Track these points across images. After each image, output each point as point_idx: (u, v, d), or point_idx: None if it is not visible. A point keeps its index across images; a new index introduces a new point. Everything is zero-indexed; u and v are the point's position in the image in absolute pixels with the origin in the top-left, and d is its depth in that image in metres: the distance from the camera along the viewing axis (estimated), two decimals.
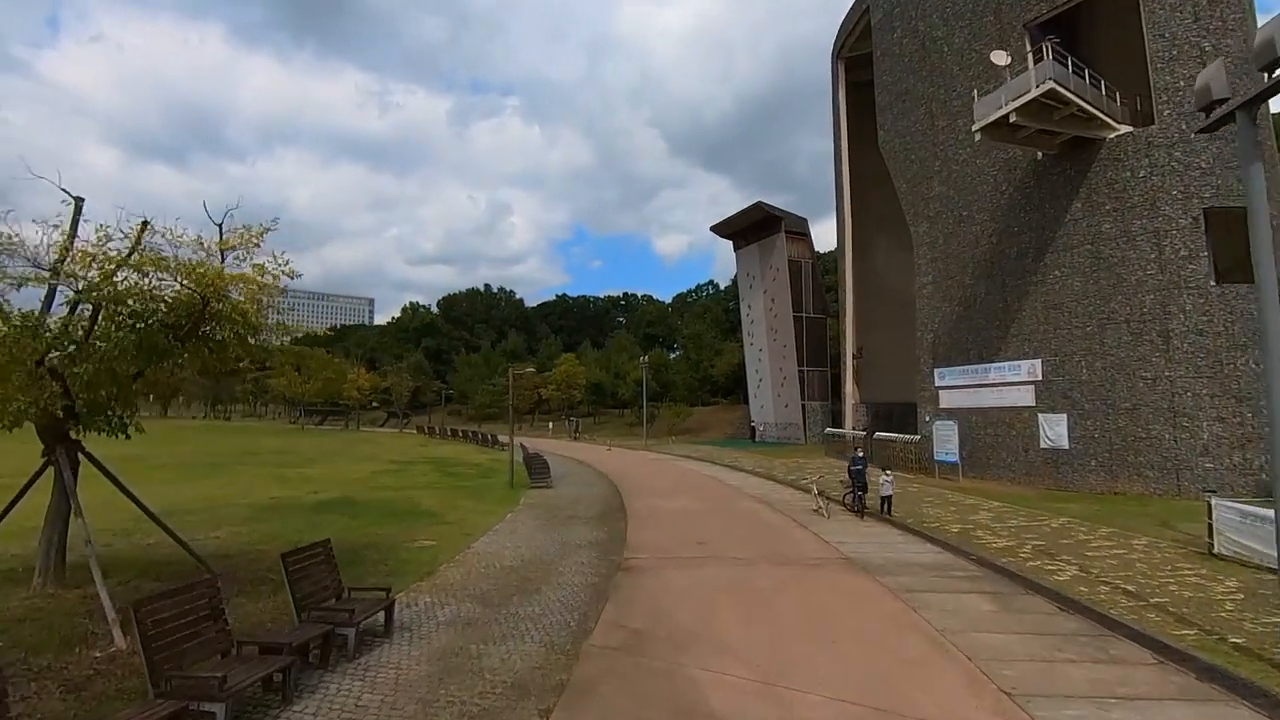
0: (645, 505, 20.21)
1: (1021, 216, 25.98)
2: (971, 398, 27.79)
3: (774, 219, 53.33)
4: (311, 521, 16.13)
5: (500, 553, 13.58)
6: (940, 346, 29.64)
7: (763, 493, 23.59)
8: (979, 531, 16.01)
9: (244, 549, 12.75)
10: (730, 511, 19.14)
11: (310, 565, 8.61)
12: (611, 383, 75.26)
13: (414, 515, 17.63)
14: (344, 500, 19.54)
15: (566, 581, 11.32)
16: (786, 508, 19.90)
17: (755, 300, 56.79)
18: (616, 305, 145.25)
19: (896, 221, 42.15)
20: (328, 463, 32.24)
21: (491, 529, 16.22)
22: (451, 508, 19.00)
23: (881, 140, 34.37)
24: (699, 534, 15.61)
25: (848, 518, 18.29)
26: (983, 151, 27.74)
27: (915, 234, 31.61)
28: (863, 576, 11.78)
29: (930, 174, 30.61)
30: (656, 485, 25.69)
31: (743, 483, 26.65)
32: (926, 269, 30.74)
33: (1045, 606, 10.18)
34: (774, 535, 15.61)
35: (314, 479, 25.59)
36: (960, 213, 28.84)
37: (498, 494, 22.45)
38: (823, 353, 53.18)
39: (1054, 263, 24.60)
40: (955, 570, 12.45)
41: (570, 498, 21.85)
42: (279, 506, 18.17)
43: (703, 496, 22.47)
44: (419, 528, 15.99)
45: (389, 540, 14.38)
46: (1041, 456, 24.82)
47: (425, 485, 24.33)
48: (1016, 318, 25.97)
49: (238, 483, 23.42)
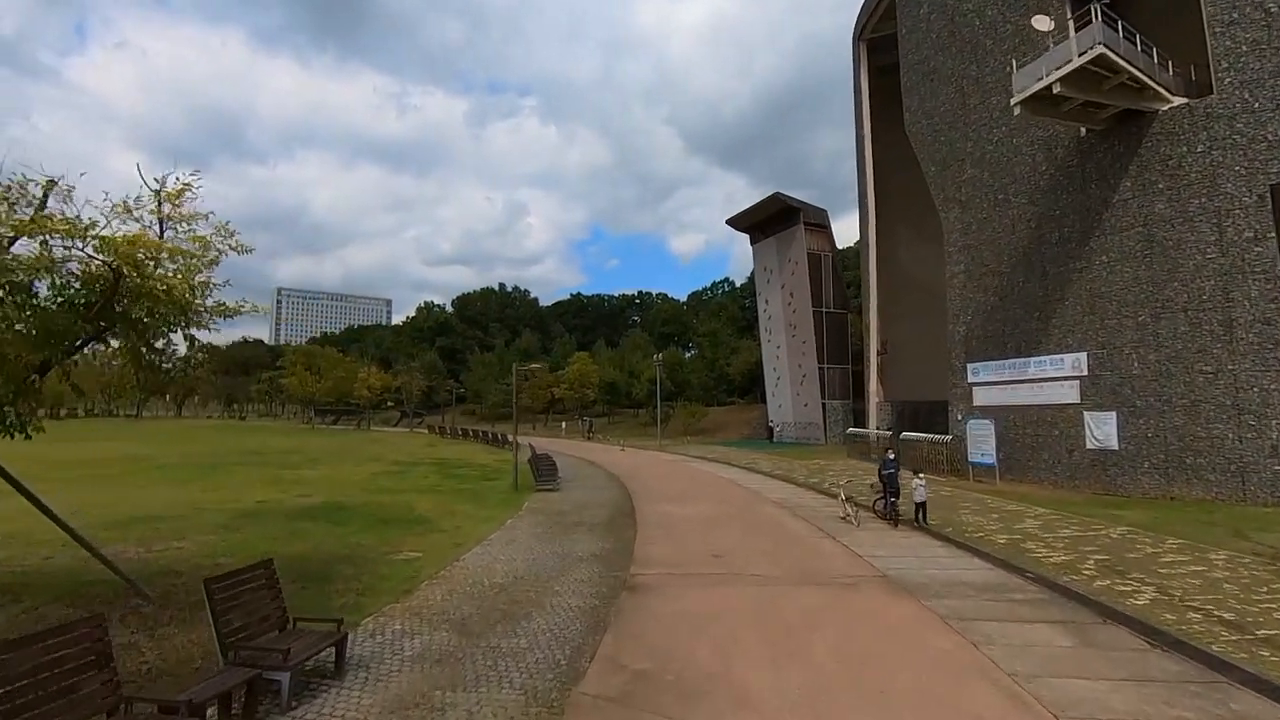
0: (657, 511, 18.64)
1: (1064, 198, 24.07)
2: (1008, 394, 25.90)
3: (792, 210, 51.47)
4: (291, 529, 14.76)
5: (492, 567, 12.08)
6: (974, 340, 27.76)
7: (784, 497, 21.91)
8: (1029, 543, 14.27)
9: (202, 563, 11.36)
10: (749, 519, 17.50)
11: (244, 592, 7.14)
12: (626, 382, 73.74)
13: (405, 522, 16.20)
14: (333, 505, 18.17)
15: (562, 604, 9.78)
16: (811, 515, 18.23)
17: (773, 295, 54.94)
18: (631, 304, 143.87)
19: (922, 211, 40.32)
20: (330, 464, 31.02)
21: (486, 538, 14.73)
22: (447, 513, 17.56)
23: (908, 123, 32.50)
24: (715, 545, 14.00)
25: (879, 526, 16.58)
26: (1019, 130, 25.86)
27: (945, 221, 29.74)
28: (906, 600, 10.12)
29: (961, 156, 28.72)
30: (670, 489, 24.11)
31: (762, 486, 24.98)
32: (958, 257, 28.85)
33: (1132, 641, 8.48)
34: (799, 547, 13.96)
35: (310, 481, 24.31)
36: (995, 196, 26.95)
37: (499, 498, 20.99)
38: (844, 349, 51.26)
39: (1101, 247, 22.68)
40: (1013, 592, 10.74)
41: (577, 502, 20.33)
42: (262, 512, 16.83)
43: (719, 501, 20.85)
44: (408, 537, 14.55)
45: (371, 552, 12.94)
46: (1088, 458, 22.92)
47: (425, 488, 22.94)
48: (1059, 308, 24.06)
49: (228, 485, 22.18)
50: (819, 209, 53.16)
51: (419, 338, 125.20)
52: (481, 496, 21.21)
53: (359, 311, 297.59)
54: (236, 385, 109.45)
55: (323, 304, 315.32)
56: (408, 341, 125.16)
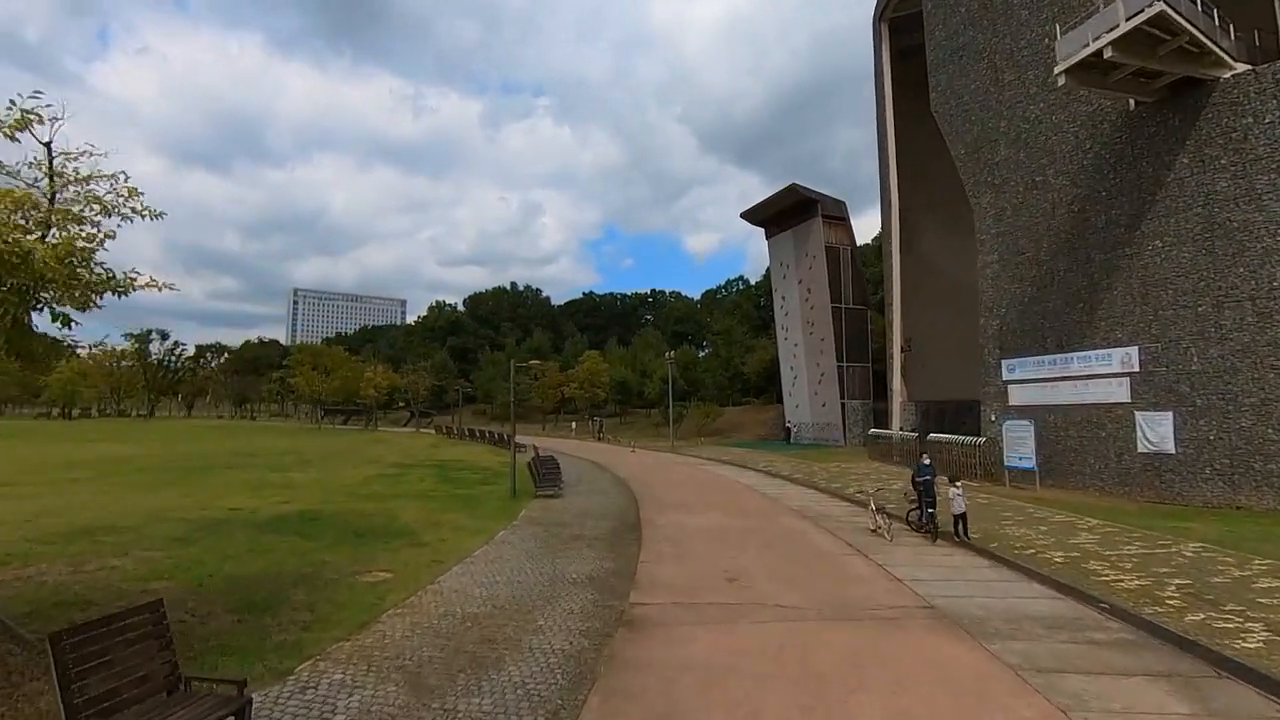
0: (666, 522, 16.89)
1: (1110, 178, 22.04)
2: (1048, 393, 23.89)
3: (809, 202, 49.46)
4: (253, 543, 13.18)
5: (470, 592, 10.40)
6: (1009, 335, 25.75)
7: (805, 505, 20.08)
8: (1091, 562, 12.38)
9: (128, 589, 9.77)
10: (769, 532, 15.69)
11: (117, 645, 5.49)
12: (638, 381, 71.97)
13: (385, 534, 14.57)
14: (310, 513, 16.60)
15: (543, 645, 8.07)
16: (837, 526, 16.40)
17: (789, 291, 52.95)
18: (644, 303, 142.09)
19: (948, 201, 38.30)
20: (324, 466, 29.57)
21: (471, 554, 13.07)
22: (434, 524, 15.92)
23: (934, 103, 30.51)
24: (730, 564, 12.23)
25: (915, 540, 14.73)
26: (1059, 105, 23.86)
27: (976, 207, 27.73)
28: (964, 642, 8.30)
29: (994, 137, 26.72)
30: (681, 495, 22.34)
31: (781, 492, 23.14)
32: (991, 246, 26.85)
33: (1263, 706, 6.62)
34: (828, 568, 12.14)
35: (297, 485, 22.82)
36: (1032, 178, 24.93)
37: (494, 505, 19.34)
38: (864, 347, 49.16)
39: (1154, 231, 20.64)
40: (1091, 629, 8.89)
41: (578, 510, 18.63)
42: (230, 522, 15.29)
43: (735, 510, 19.06)
44: (383, 552, 12.91)
45: (335, 571, 11.31)
46: (1139, 462, 20.89)
47: (417, 494, 21.35)
48: (1105, 298, 22.04)
49: (205, 490, 20.72)
50: (837, 200, 51.12)
51: (430, 337, 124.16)
52: (475, 503, 19.56)
53: (373, 312, 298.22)
54: (248, 385, 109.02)
55: (338, 304, 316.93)
56: (419, 341, 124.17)
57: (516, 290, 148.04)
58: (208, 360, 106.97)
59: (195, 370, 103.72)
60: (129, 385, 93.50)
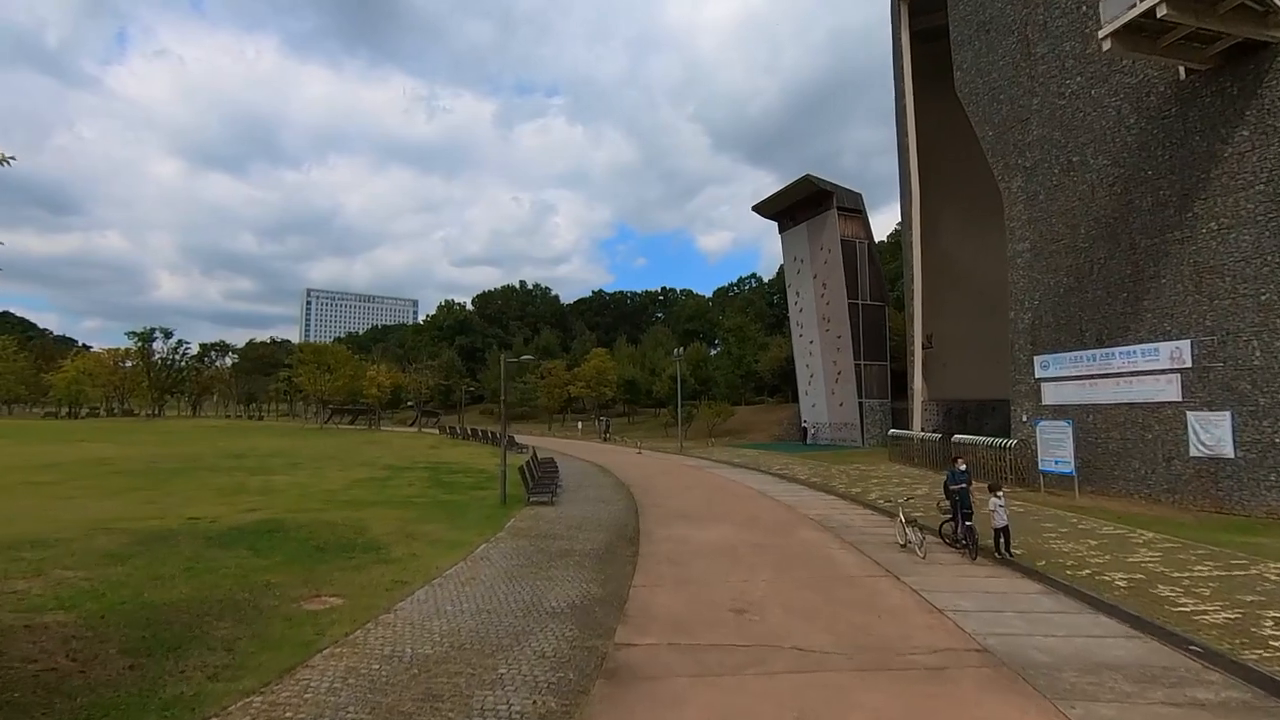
0: (667, 535, 15.19)
1: (1158, 155, 20.09)
2: (1087, 391, 21.95)
3: (824, 194, 47.50)
4: (195, 560, 11.63)
5: (428, 624, 8.78)
6: (1042, 329, 23.81)
7: (825, 514, 18.30)
8: (1161, 586, 10.58)
9: (15, 622, 8.20)
10: (785, 547, 13.93)
11: None
12: (646, 380, 70.12)
13: (350, 549, 12.99)
14: (274, 524, 15.04)
15: (497, 706, 6.42)
16: (861, 539, 14.62)
17: (804, 286, 51.02)
18: (655, 301, 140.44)
19: (971, 193, 36.33)
20: (312, 469, 28.11)
21: (443, 574, 11.45)
22: (409, 536, 14.32)
23: (959, 83, 28.57)
24: (739, 591, 10.51)
25: (951, 557, 12.94)
26: (1099, 78, 21.90)
27: (1006, 193, 25.79)
28: (1033, 702, 6.55)
29: (1026, 115, 24.77)
30: (687, 503, 20.62)
31: (797, 499, 21.36)
32: (1022, 233, 24.91)
33: None
34: (854, 595, 10.38)
35: (275, 490, 21.33)
36: (1069, 159, 22.98)
37: (481, 514, 17.73)
38: (882, 345, 47.16)
39: (1209, 212, 18.68)
40: (1188, 683, 7.11)
41: (572, 521, 16.97)
42: (180, 534, 13.76)
43: (747, 521, 17.31)
44: (342, 571, 11.32)
45: (276, 596, 9.72)
46: (1192, 467, 18.93)
47: (400, 501, 19.77)
48: (1152, 287, 20.08)
49: (172, 497, 19.26)
50: (853, 193, 49.11)
51: (439, 336, 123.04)
52: (461, 512, 17.95)
53: (386, 312, 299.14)
54: (256, 385, 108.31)
55: (350, 305, 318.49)
56: (428, 340, 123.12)
57: (525, 289, 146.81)
58: (212, 359, 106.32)
59: (199, 369, 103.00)
60: (132, 384, 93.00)
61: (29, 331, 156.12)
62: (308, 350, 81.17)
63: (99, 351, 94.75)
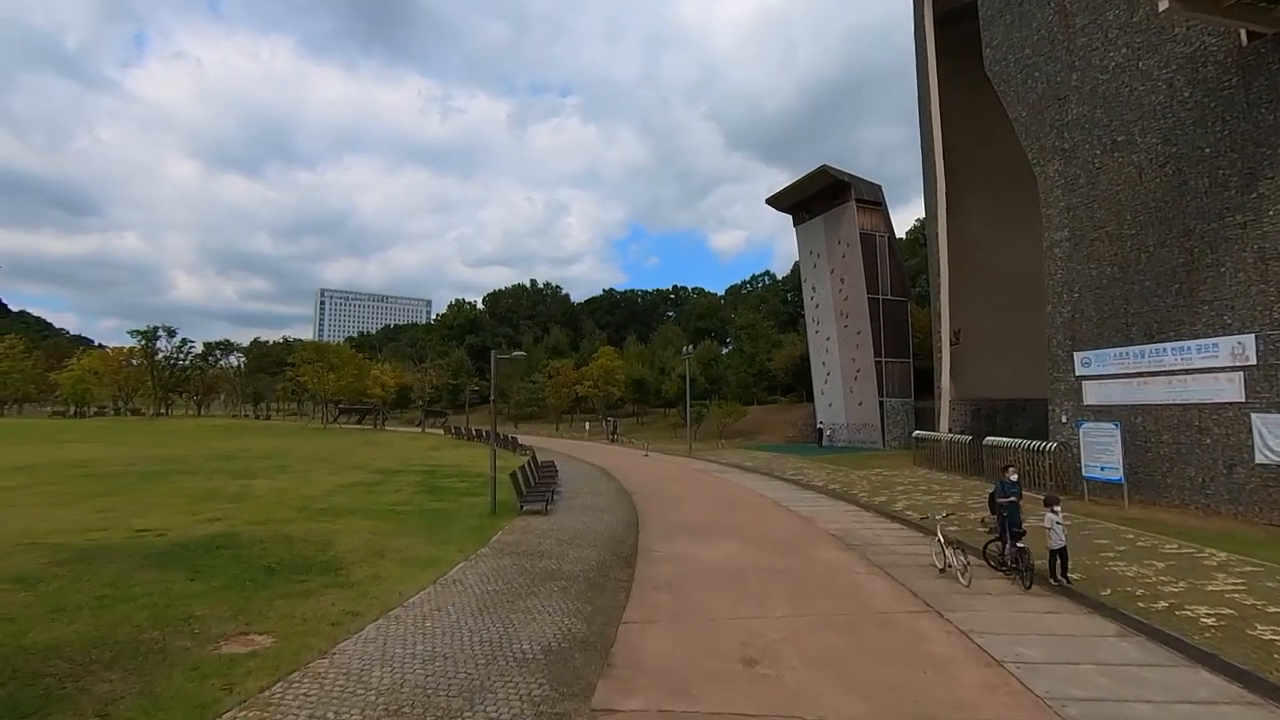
0: (669, 553, 13.48)
1: (1216, 131, 18.12)
2: (1134, 391, 19.98)
3: (842, 185, 45.56)
4: (118, 584, 10.08)
5: (367, 675, 7.14)
6: (1083, 323, 21.85)
7: (846, 527, 16.50)
8: (1260, 627, 8.78)
9: None
10: (803, 572, 12.15)
11: None
12: (656, 379, 68.31)
13: (305, 569, 11.39)
14: (228, 538, 13.48)
15: None
16: (890, 559, 12.82)
17: (821, 281, 49.08)
18: (666, 300, 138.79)
19: (998, 184, 34.33)
20: (300, 472, 26.62)
21: (405, 602, 9.83)
22: (377, 554, 12.70)
23: (989, 62, 26.60)
24: (749, 630, 8.79)
25: (1000, 585, 11.14)
26: (1147, 49, 19.94)
27: (1042, 178, 23.83)
28: None
29: (1063, 93, 22.82)
30: (693, 513, 18.89)
31: (815, 509, 19.56)
32: (1060, 221, 22.94)
33: None
34: (892, 640, 8.59)
35: (250, 497, 19.84)
36: (1113, 139, 21.02)
37: (467, 525, 16.10)
38: (903, 342, 45.13)
39: (1276, 192, 16.69)
40: None
41: (565, 534, 15.30)
42: (115, 550, 12.21)
43: (758, 536, 15.55)
44: (287, 599, 9.72)
45: (192, 634, 8.14)
46: (1258, 476, 16.95)
47: (382, 509, 18.18)
48: (1210, 276, 18.12)
49: (133, 504, 17.80)
50: (872, 184, 47.13)
51: (449, 335, 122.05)
52: (446, 523, 16.34)
53: (399, 311, 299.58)
54: (263, 384, 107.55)
55: (364, 304, 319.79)
56: (438, 339, 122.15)
57: (536, 288, 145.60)
58: (217, 358, 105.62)
59: (203, 368, 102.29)
60: (136, 383, 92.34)
61: (44, 331, 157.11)
62: (310, 349, 79.92)
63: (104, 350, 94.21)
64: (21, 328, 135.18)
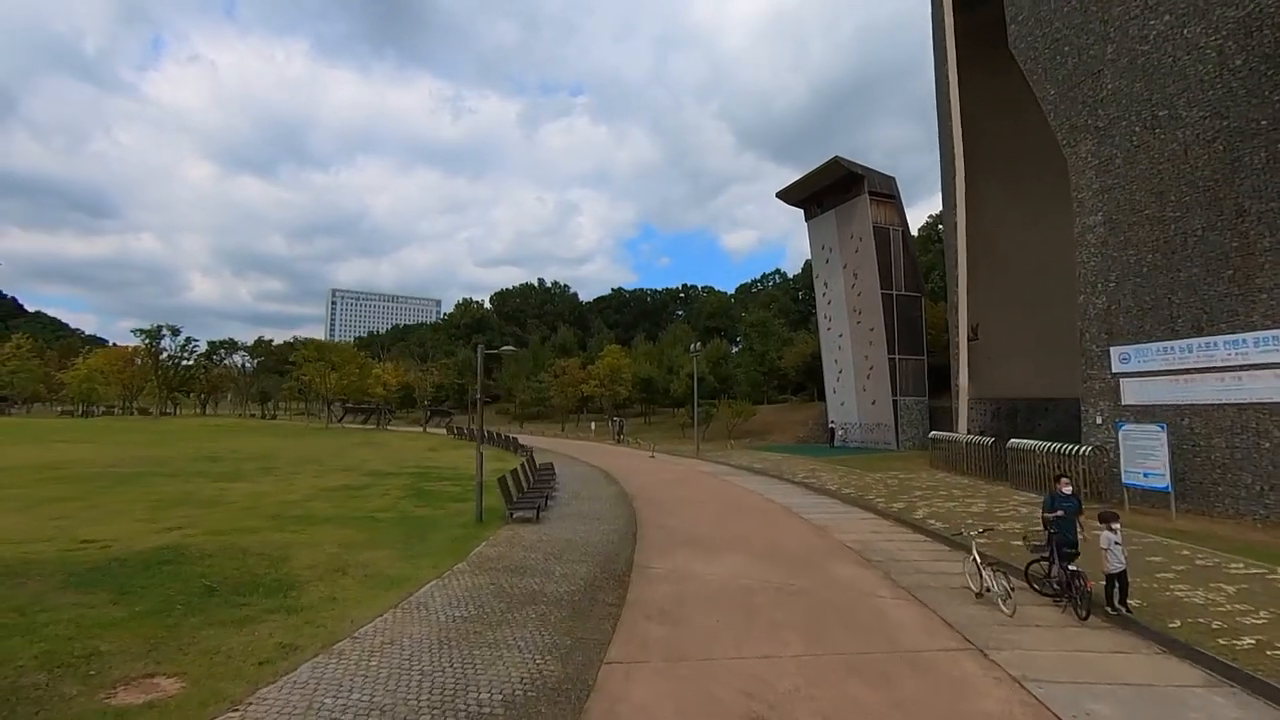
0: (667, 570, 12.01)
1: (1275, 101, 16.45)
2: (1181, 389, 18.30)
3: (855, 177, 43.86)
4: (30, 608, 8.73)
5: None
6: (1120, 315, 20.17)
7: (865, 539, 14.95)
8: None
9: None
10: (820, 597, 10.60)
11: None
12: (664, 378, 66.79)
13: (247, 591, 10.01)
14: (175, 551, 12.10)
15: None
16: (920, 583, 11.25)
17: (833, 277, 47.41)
18: (676, 298, 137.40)
19: (1016, 171, 32.60)
20: (284, 475, 25.29)
21: (355, 632, 8.43)
22: (338, 570, 11.31)
23: (1014, 39, 24.92)
24: (757, 678, 7.29)
25: (1048, 613, 9.59)
26: (1193, 14, 18.27)
27: (1074, 158, 22.15)
28: None
29: (1097, 67, 21.14)
30: (697, 521, 17.41)
31: (830, 518, 18.01)
32: (1093, 205, 21.26)
33: None
34: (930, 690, 7.05)
35: (222, 503, 18.52)
36: (1153, 114, 19.34)
37: (448, 535, 14.69)
38: (918, 339, 43.40)
39: None
40: None
41: (554, 545, 13.86)
42: (45, 566, 10.86)
43: (767, 549, 14.04)
44: (214, 629, 8.33)
45: (87, 676, 6.76)
46: None
47: (360, 517, 16.80)
48: (1269, 261, 16.44)
49: (90, 510, 16.50)
50: (886, 176, 45.37)
51: (455, 335, 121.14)
52: (426, 532, 14.93)
53: (409, 311, 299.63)
54: (271, 383, 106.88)
55: (374, 304, 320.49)
56: (445, 339, 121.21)
57: (544, 287, 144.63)
58: (220, 357, 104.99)
59: (207, 368, 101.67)
60: (140, 382, 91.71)
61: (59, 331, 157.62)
62: (310, 347, 78.86)
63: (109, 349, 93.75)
64: (37, 327, 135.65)
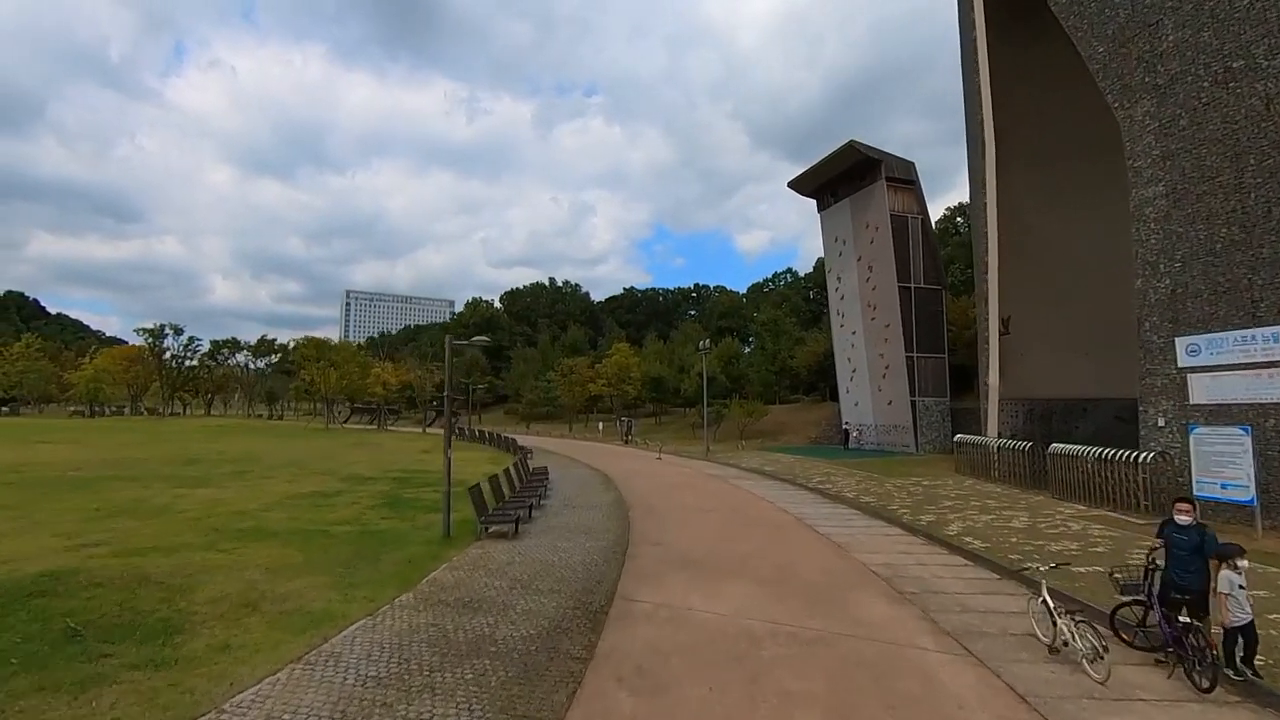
0: (653, 608, 9.72)
1: None
2: (1264, 386, 15.74)
3: (871, 163, 41.24)
4: None
5: None
6: (1189, 300, 17.62)
7: (893, 561, 12.58)
8: None
9: None
10: (844, 652, 8.20)
11: None
12: (675, 377, 64.50)
13: (118, 636, 7.87)
14: (60, 577, 9.97)
15: None
16: (968, 627, 8.89)
17: (847, 270, 44.84)
18: (688, 298, 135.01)
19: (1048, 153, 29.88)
20: (256, 480, 23.25)
21: (223, 704, 6.26)
22: (248, 605, 9.16)
23: None
24: None
25: (1149, 678, 7.21)
26: None
27: (1127, 124, 19.61)
28: None
29: (1155, 17, 18.61)
30: (698, 537, 15.10)
31: (850, 533, 15.62)
32: (1153, 174, 18.72)
33: None
34: None
35: (170, 512, 16.52)
36: (1225, 66, 16.80)
37: (404, 555, 12.49)
38: (938, 335, 40.62)
39: None
40: None
41: (525, 569, 11.63)
42: None
43: (776, 575, 11.70)
44: (42, 696, 6.20)
45: None
46: None
47: (313, 531, 14.67)
48: None
49: (18, 521, 14.50)
50: (905, 161, 42.67)
51: (465, 334, 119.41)
52: (379, 551, 12.76)
53: (423, 312, 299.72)
54: (278, 383, 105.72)
55: (388, 305, 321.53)
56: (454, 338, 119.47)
57: (555, 286, 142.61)
58: (224, 356, 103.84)
59: (210, 367, 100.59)
60: (145, 382, 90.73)
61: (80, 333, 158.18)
62: (310, 346, 77.27)
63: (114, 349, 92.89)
64: (56, 329, 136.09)
